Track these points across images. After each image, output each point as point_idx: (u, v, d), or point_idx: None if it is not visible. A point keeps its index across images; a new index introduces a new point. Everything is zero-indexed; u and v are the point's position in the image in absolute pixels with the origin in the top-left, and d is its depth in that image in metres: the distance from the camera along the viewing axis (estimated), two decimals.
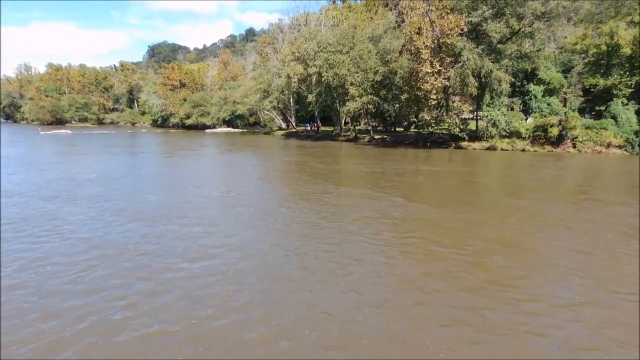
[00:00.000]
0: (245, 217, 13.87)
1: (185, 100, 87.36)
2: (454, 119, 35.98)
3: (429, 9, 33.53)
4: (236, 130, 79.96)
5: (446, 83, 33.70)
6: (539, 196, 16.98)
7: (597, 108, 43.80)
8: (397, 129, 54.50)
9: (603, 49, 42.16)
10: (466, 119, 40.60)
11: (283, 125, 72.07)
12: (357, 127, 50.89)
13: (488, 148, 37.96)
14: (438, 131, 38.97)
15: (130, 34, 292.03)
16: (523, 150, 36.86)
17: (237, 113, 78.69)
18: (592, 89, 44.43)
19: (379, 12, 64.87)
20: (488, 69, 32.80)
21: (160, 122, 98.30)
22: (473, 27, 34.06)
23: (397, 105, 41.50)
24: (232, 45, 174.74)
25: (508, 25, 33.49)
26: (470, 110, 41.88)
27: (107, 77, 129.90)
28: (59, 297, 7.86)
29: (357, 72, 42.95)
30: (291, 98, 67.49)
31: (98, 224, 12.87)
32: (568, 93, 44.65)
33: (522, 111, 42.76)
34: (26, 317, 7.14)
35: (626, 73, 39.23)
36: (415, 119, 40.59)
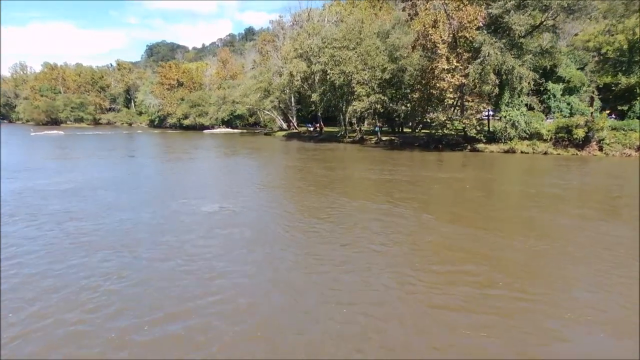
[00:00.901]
0: (238, 247, 10.93)
1: (182, 100, 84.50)
2: (471, 120, 33.09)
3: (446, 1, 30.59)
4: (235, 130, 77.09)
5: (463, 81, 30.78)
6: (583, 211, 14.12)
7: (620, 108, 41.06)
8: (404, 130, 51.65)
9: (624, 46, 39.40)
10: (481, 120, 37.72)
11: (284, 125, 69.22)
12: (359, 128, 47.88)
13: (507, 151, 35.07)
14: (452, 132, 36.06)
15: (129, 34, 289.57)
16: (545, 153, 33.96)
17: (237, 113, 75.81)
18: (614, 87, 41.68)
19: (384, 8, 62.08)
20: (510, 66, 29.87)
21: (157, 123, 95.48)
22: (492, 21, 31.17)
23: (409, 104, 38.54)
24: (232, 44, 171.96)
25: (531, 17, 30.60)
26: (483, 110, 38.90)
27: (104, 77, 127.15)
28: None
29: (365, 70, 40.05)
30: (292, 97, 64.63)
31: (45, 258, 9.92)
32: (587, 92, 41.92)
33: (532, 110, 39.90)
34: None
35: None
36: (427, 120, 37.75)
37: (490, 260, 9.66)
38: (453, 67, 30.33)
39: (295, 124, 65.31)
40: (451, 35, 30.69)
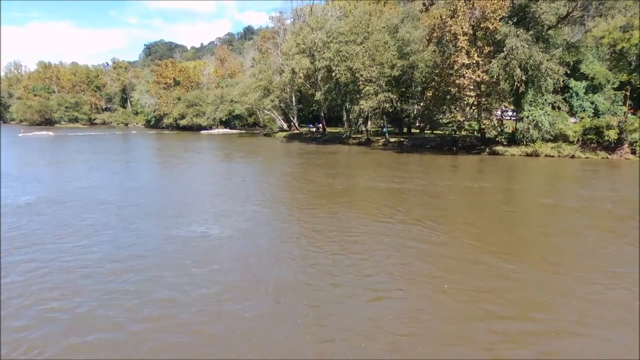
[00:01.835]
0: (219, 299, 7.84)
1: (179, 99, 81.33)
2: (492, 120, 30.01)
3: None
4: (234, 131, 73.99)
5: (485, 77, 27.65)
6: None
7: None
8: (412, 131, 48.58)
9: None
10: (500, 120, 34.67)
11: (284, 126, 66.13)
12: (366, 129, 44.58)
13: (529, 154, 32.02)
14: (469, 134, 32.99)
15: (129, 34, 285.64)
16: (572, 156, 30.92)
17: (235, 113, 72.69)
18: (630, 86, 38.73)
19: (389, 4, 58.95)
20: (536, 60, 26.77)
21: (153, 123, 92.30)
22: (517, 11, 28.10)
23: (422, 103, 35.39)
24: (230, 43, 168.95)
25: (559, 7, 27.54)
26: (505, 109, 35.76)
27: (99, 76, 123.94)
28: None
29: (372, 66, 36.95)
30: (293, 96, 61.54)
31: None
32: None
33: (558, 109, 36.85)
34: None
35: None
36: (440, 120, 34.71)
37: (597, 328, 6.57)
38: (474, 62, 27.23)
39: (296, 125, 62.21)
40: (472, 27, 27.56)
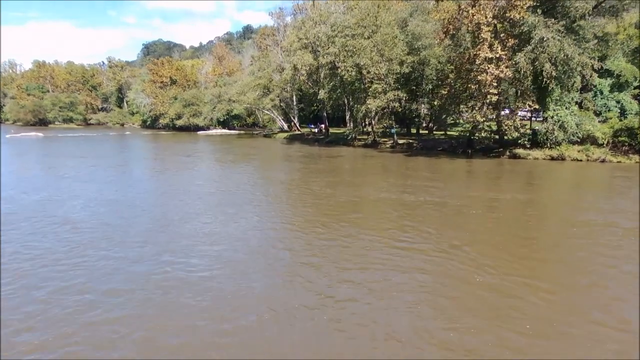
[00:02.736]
0: None
1: (175, 98, 78.45)
2: (515, 121, 27.26)
3: None
4: (232, 132, 71.18)
5: (508, 73, 24.85)
6: None
7: None
8: (421, 132, 45.84)
9: None
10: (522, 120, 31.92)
11: (285, 126, 63.35)
12: (372, 130, 41.69)
13: (554, 158, 29.31)
14: (488, 135, 30.18)
15: (128, 33, 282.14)
16: (602, 160, 28.19)
17: (234, 113, 69.88)
18: None
19: None
20: (567, 54, 24.00)
21: (149, 123, 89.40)
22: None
23: (435, 102, 32.59)
24: (229, 43, 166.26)
25: None
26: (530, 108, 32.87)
27: (95, 75, 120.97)
28: None
29: (381, 62, 34.16)
30: (294, 95, 58.75)
31: None
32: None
33: (587, 110, 34.13)
34: None
35: None
36: (455, 120, 31.97)
37: None
38: (497, 56, 24.46)
39: (297, 125, 59.38)
40: (493, 17, 24.74)
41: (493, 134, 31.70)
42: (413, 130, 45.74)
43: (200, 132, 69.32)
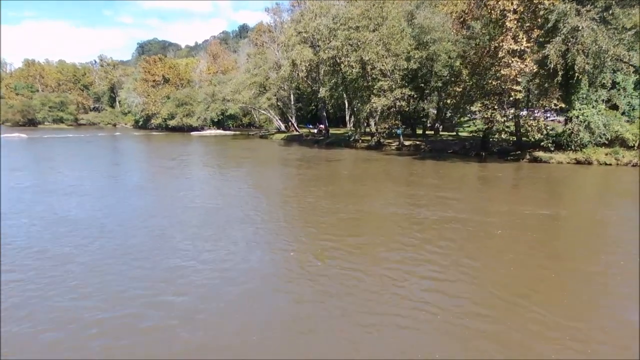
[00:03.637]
0: None
1: (168, 98, 75.34)
2: (538, 121, 24.37)
3: None
4: (227, 132, 68.21)
5: (534, 67, 21.94)
6: None
7: None
8: (427, 132, 42.96)
9: None
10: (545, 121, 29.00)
11: (282, 127, 60.38)
12: (377, 130, 38.63)
13: (579, 161, 26.47)
14: (507, 137, 27.22)
15: (126, 33, 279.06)
16: (634, 165, 25.38)
17: (229, 112, 66.88)
18: None
19: None
20: (600, 47, 21.11)
21: (142, 123, 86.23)
22: None
23: (448, 101, 29.67)
24: (225, 42, 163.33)
25: None
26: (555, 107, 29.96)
27: (87, 74, 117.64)
28: None
29: (387, 57, 31.20)
30: (292, 94, 55.78)
31: None
32: None
33: (614, 109, 31.31)
34: None
35: None
36: (473, 121, 29.09)
37: None
38: (522, 49, 21.56)
39: (295, 125, 56.38)
40: (521, 4, 21.79)
41: (511, 136, 28.86)
42: (419, 130, 42.90)
43: (193, 133, 66.36)
